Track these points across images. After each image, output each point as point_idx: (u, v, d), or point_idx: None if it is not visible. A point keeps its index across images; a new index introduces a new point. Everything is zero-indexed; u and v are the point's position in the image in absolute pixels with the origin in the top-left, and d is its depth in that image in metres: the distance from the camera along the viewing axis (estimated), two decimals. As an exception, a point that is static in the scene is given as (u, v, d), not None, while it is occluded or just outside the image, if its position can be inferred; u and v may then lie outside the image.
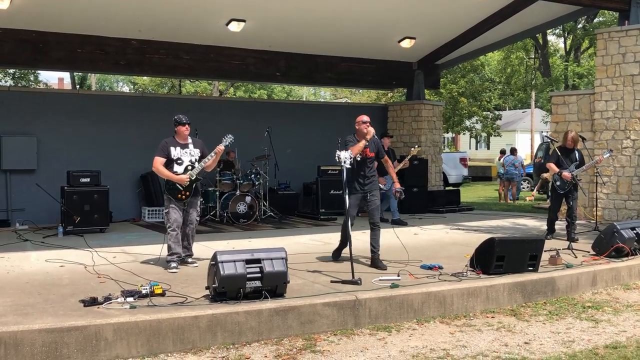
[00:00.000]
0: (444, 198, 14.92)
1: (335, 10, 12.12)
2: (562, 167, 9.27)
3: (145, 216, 12.34)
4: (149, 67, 12.85)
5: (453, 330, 5.64)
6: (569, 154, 9.38)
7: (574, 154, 9.41)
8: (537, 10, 12.28)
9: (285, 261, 5.66)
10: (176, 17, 11.64)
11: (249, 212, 11.92)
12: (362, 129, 7.53)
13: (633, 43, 11.42)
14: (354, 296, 5.76)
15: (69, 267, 7.29)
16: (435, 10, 12.51)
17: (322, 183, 13.00)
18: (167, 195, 7.31)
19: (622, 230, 7.87)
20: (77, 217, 10.11)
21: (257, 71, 13.96)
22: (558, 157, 9.33)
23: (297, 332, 5.43)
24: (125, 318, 4.97)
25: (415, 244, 9.14)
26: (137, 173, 12.58)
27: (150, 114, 12.63)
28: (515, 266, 6.82)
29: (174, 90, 37.32)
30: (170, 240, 7.22)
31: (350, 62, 14.94)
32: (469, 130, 36.23)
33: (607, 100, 11.74)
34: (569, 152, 9.39)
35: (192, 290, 5.97)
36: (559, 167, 9.30)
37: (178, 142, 7.39)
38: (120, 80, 56.76)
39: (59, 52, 11.73)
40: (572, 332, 5.56)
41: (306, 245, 9.18)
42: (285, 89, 47.62)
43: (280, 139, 13.56)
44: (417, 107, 15.48)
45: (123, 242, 9.34)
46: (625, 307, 6.42)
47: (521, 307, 6.42)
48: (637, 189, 11.38)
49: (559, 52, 34.01)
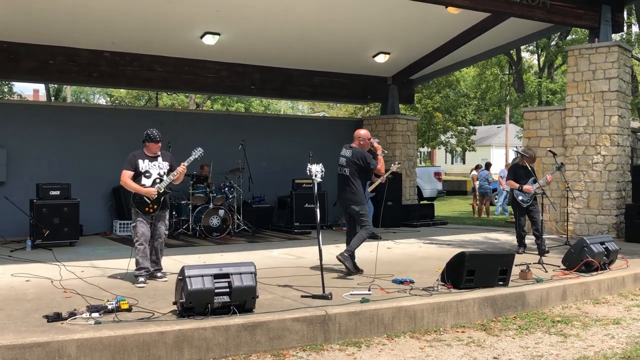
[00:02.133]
0: (418, 212, 14.98)
1: (310, 24, 12.18)
2: (521, 182, 9.55)
3: (117, 230, 12.18)
4: (122, 79, 12.76)
5: (423, 345, 5.62)
6: (526, 170, 9.64)
7: (529, 170, 9.66)
8: (510, 26, 12.45)
9: (255, 276, 5.60)
10: (150, 29, 11.60)
11: (222, 225, 11.83)
12: (368, 144, 7.96)
13: (603, 60, 11.61)
14: (323, 311, 5.71)
15: (35, 282, 7.15)
16: (410, 26, 12.62)
17: (296, 196, 12.96)
18: (134, 209, 7.19)
19: (592, 245, 7.93)
20: (46, 231, 9.95)
21: (232, 84, 13.95)
22: (515, 173, 9.70)
23: (265, 348, 5.36)
24: (90, 334, 4.86)
25: (388, 258, 9.13)
26: (109, 186, 12.44)
27: (124, 127, 12.52)
28: (485, 280, 6.83)
29: (151, 103, 37.10)
30: (137, 255, 7.11)
31: (325, 76, 15.00)
32: (444, 145, 36.50)
33: (577, 116, 11.90)
34: (525, 169, 9.66)
35: (160, 305, 5.88)
36: (519, 182, 9.55)
37: (147, 154, 7.30)
38: (97, 93, 56.28)
39: (29, 63, 11.61)
40: (540, 347, 5.57)
41: (278, 260, 9.12)
42: (262, 102, 47.59)
43: (256, 152, 13.54)
44: (391, 122, 15.56)
45: (92, 256, 9.20)
46: (594, 322, 6.45)
47: (491, 322, 6.42)
48: (607, 204, 11.52)
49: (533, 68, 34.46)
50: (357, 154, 7.77)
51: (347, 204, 7.79)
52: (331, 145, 15.00)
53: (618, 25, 12.42)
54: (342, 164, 7.86)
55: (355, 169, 7.74)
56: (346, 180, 7.78)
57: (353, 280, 7.32)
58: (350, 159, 7.78)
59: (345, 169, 7.79)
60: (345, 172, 7.79)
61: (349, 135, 15.84)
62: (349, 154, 7.86)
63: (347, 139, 16.41)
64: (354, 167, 7.74)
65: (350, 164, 7.77)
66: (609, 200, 11.52)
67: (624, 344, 5.67)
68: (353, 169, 7.75)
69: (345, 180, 7.79)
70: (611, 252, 8.13)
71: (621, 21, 12.77)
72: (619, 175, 11.57)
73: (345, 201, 7.81)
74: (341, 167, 7.86)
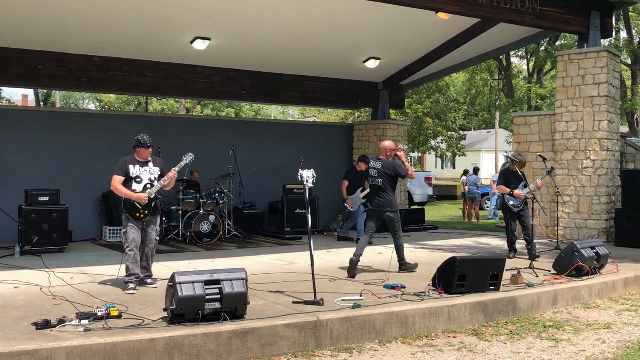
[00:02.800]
0: (409, 217, 14.95)
1: (301, 29, 12.17)
2: (512, 187, 9.57)
3: (106, 236, 12.11)
4: (112, 84, 12.69)
5: (415, 350, 5.61)
6: (516, 175, 9.65)
7: (519, 175, 9.67)
8: (499, 32, 12.50)
9: (246, 282, 5.57)
10: (140, 35, 11.56)
11: (213, 231, 11.78)
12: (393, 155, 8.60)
13: (592, 65, 11.68)
14: (315, 317, 5.69)
15: (24, 289, 7.08)
16: (401, 32, 12.64)
17: (287, 202, 12.93)
18: (125, 215, 7.16)
19: (583, 249, 7.95)
20: (35, 237, 9.86)
21: (223, 89, 13.91)
22: (506, 178, 9.71)
23: (257, 355, 5.33)
24: (79, 341, 4.82)
25: (380, 263, 9.12)
26: (98, 192, 12.35)
27: (114, 132, 12.46)
28: (477, 285, 6.83)
29: (141, 108, 36.97)
30: (128, 261, 7.07)
31: (316, 81, 15.00)
32: (435, 150, 36.57)
33: (567, 121, 11.95)
34: (516, 173, 9.66)
35: (150, 312, 5.84)
36: (509, 187, 9.57)
37: (137, 160, 7.27)
38: (86, 98, 56.02)
39: (19, 68, 11.53)
40: (532, 352, 5.57)
41: (270, 265, 9.09)
42: (253, 107, 47.54)
43: (247, 158, 13.52)
44: (382, 127, 15.57)
45: (82, 263, 9.13)
46: (585, 327, 6.46)
47: (483, 327, 6.42)
48: (597, 209, 11.57)
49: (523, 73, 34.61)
50: (388, 165, 8.48)
51: (382, 211, 8.46)
52: (322, 151, 15.12)
53: (607, 30, 12.51)
54: (374, 176, 8.55)
55: (387, 178, 8.43)
56: (381, 189, 8.45)
57: (345, 285, 7.31)
58: (382, 170, 8.48)
59: (378, 180, 8.47)
60: (378, 182, 8.48)
61: (340, 140, 16.10)
62: (379, 165, 8.53)
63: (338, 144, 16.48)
64: (386, 177, 8.45)
65: (382, 175, 8.46)
66: (599, 205, 11.56)
67: (615, 348, 5.68)
68: (385, 179, 8.44)
69: (380, 190, 8.47)
70: (602, 256, 8.16)
71: (610, 27, 12.86)
72: (609, 180, 11.63)
73: (380, 208, 8.47)
74: (373, 179, 8.55)
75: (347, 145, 16.12)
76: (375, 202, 8.51)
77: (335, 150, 15.77)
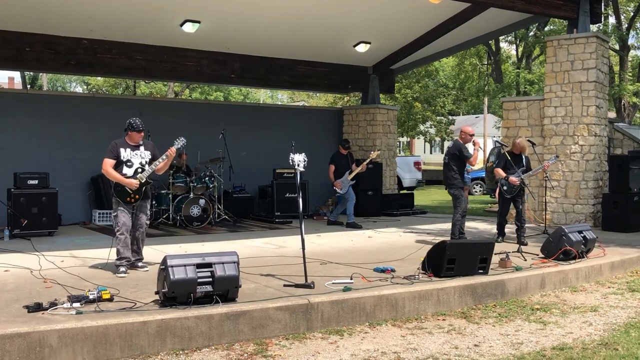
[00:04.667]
0: (398, 201, 15.06)
1: (291, 13, 12.11)
2: (509, 172, 9.52)
3: (96, 219, 12.08)
4: (100, 67, 12.57)
5: (404, 333, 5.67)
6: (516, 160, 9.63)
7: (521, 159, 9.66)
8: (489, 17, 12.49)
9: (237, 265, 5.60)
10: (129, 17, 11.45)
11: (203, 215, 11.78)
12: (469, 139, 9.41)
13: (581, 51, 11.73)
14: (306, 300, 5.73)
15: (14, 272, 7.07)
16: (390, 16, 12.61)
17: (277, 186, 12.95)
18: (115, 198, 7.14)
19: (570, 233, 8.04)
20: (24, 220, 9.81)
21: (212, 72, 13.82)
22: (505, 162, 9.61)
23: (248, 337, 5.37)
24: (71, 324, 4.83)
25: (369, 247, 9.18)
26: (87, 175, 12.30)
27: (102, 115, 12.39)
28: (466, 269, 6.90)
29: (129, 91, 36.72)
30: (118, 245, 7.06)
31: (306, 65, 14.94)
32: (423, 134, 36.66)
33: (556, 107, 12.02)
34: (516, 158, 9.64)
35: (142, 295, 5.86)
36: (507, 172, 9.54)
37: (128, 143, 7.24)
38: (73, 81, 55.52)
39: (5, 50, 11.38)
40: (520, 334, 5.65)
41: (260, 249, 9.12)
42: (242, 91, 47.36)
43: (236, 142, 13.49)
44: (372, 112, 15.58)
45: (72, 246, 9.12)
46: (572, 309, 6.56)
47: (471, 310, 6.49)
48: (584, 194, 11.67)
49: (511, 59, 34.68)
50: (455, 145, 9.38)
51: (447, 187, 9.52)
52: (312, 135, 15.11)
53: (596, 16, 12.55)
54: (445, 154, 9.60)
55: (451, 157, 9.36)
56: (445, 166, 9.47)
57: (335, 269, 7.36)
58: (450, 149, 9.47)
59: (446, 157, 9.47)
60: (445, 160, 9.49)
61: (330, 124, 16.10)
62: (450, 145, 9.59)
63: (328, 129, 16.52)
64: (451, 156, 9.38)
65: (449, 154, 9.43)
66: (587, 190, 11.67)
67: (602, 330, 5.78)
68: (450, 157, 9.38)
69: (445, 167, 9.50)
70: (589, 240, 8.26)
71: (599, 12, 12.89)
72: (596, 165, 11.73)
73: (446, 184, 9.52)
74: (445, 157, 9.57)
75: (336, 130, 16.12)
76: (444, 179, 9.60)
77: (325, 134, 15.76)
